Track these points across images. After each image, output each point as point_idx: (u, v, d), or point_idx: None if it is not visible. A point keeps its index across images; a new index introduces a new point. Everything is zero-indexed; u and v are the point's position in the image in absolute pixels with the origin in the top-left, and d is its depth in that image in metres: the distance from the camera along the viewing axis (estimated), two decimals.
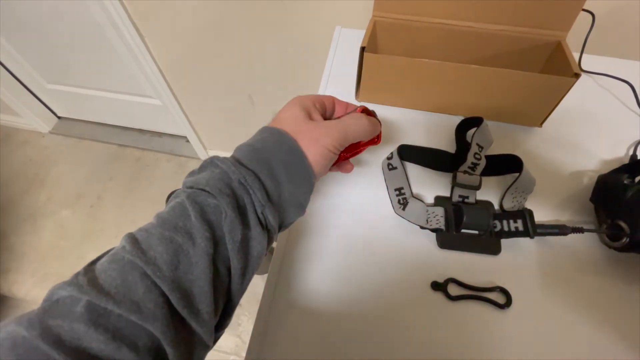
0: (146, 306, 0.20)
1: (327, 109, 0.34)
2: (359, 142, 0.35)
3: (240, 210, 0.25)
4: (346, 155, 0.36)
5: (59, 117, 1.69)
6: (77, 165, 1.56)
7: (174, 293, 0.21)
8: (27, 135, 1.66)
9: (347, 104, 0.35)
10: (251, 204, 0.25)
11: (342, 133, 0.30)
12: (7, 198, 1.47)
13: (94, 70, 1.30)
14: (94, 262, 0.23)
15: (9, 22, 1.18)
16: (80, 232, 1.37)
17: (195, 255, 0.23)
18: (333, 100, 0.34)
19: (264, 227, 0.26)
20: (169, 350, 0.20)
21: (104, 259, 0.23)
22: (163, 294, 0.21)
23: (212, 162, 0.27)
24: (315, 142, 0.28)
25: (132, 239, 0.23)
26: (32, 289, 1.26)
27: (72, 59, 1.27)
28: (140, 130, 1.62)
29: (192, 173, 0.28)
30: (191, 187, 0.26)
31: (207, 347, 0.24)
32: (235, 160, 0.27)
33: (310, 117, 0.30)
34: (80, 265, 0.22)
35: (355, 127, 0.31)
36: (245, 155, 0.27)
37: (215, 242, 0.24)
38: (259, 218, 0.26)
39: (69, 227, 1.39)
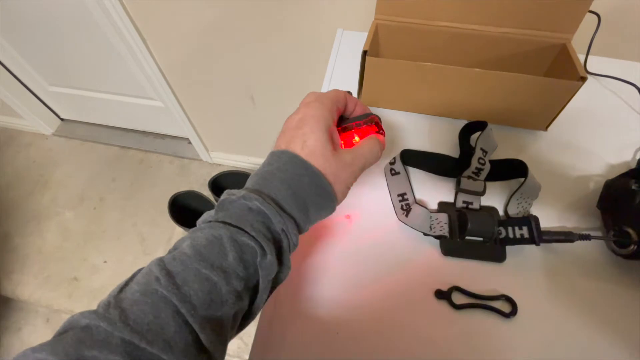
0: (177, 345, 0.20)
1: (340, 113, 0.33)
2: None
3: (277, 252, 0.26)
4: None
5: (62, 119, 1.70)
6: (80, 167, 1.56)
7: (203, 331, 0.22)
8: (31, 138, 1.67)
9: (356, 101, 0.35)
10: (287, 246, 0.27)
11: (361, 169, 0.31)
12: (11, 200, 1.47)
13: (96, 72, 1.30)
14: (121, 290, 0.22)
15: (11, 24, 1.18)
16: (83, 234, 1.38)
17: (227, 294, 0.23)
18: (345, 98, 0.33)
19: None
20: None
21: (134, 287, 0.22)
22: (193, 332, 0.21)
23: (249, 197, 0.26)
24: (341, 183, 0.29)
25: (167, 271, 0.23)
26: (36, 291, 1.26)
27: (74, 61, 1.28)
28: (143, 132, 1.62)
29: (224, 204, 0.27)
30: (229, 224, 0.25)
31: None
32: (276, 204, 0.26)
33: (333, 142, 0.30)
34: (83, 267, 0.22)
35: (371, 157, 0.32)
36: (284, 197, 0.27)
37: (247, 279, 0.25)
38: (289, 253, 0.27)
39: (72, 229, 1.39)
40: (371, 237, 0.40)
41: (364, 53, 0.45)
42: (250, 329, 0.35)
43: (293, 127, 0.29)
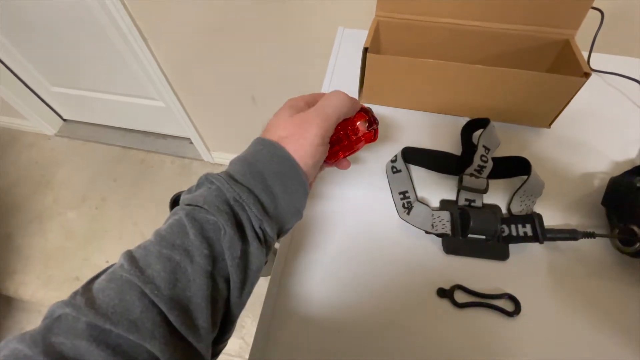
0: (144, 325, 0.20)
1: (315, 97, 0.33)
2: (355, 140, 0.34)
3: (239, 227, 0.25)
4: (345, 154, 0.35)
5: (64, 120, 1.71)
6: (82, 167, 1.57)
7: (172, 311, 0.21)
8: (33, 138, 1.67)
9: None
10: (248, 220, 0.26)
11: (322, 116, 0.29)
12: (13, 200, 1.48)
13: (97, 73, 1.31)
14: (92, 281, 0.23)
15: (13, 25, 1.19)
16: (85, 234, 1.38)
17: (193, 273, 0.23)
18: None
19: (262, 240, 0.26)
20: None
21: (102, 277, 0.23)
22: (161, 312, 0.21)
23: (207, 178, 0.27)
24: (302, 142, 0.28)
25: (130, 257, 0.23)
26: (38, 291, 1.27)
27: (76, 62, 1.28)
28: (144, 133, 1.63)
29: (189, 190, 0.28)
30: (189, 205, 0.26)
31: (204, 357, 0.24)
32: (229, 177, 0.27)
33: (295, 113, 0.30)
34: (85, 267, 0.22)
35: (333, 104, 0.30)
36: (239, 170, 0.27)
37: (214, 258, 0.24)
38: (256, 233, 0.26)
39: (74, 229, 1.40)
40: (372, 235, 0.40)
41: (365, 50, 0.44)
42: (252, 329, 0.35)
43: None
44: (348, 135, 0.34)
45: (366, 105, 0.36)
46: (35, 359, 0.18)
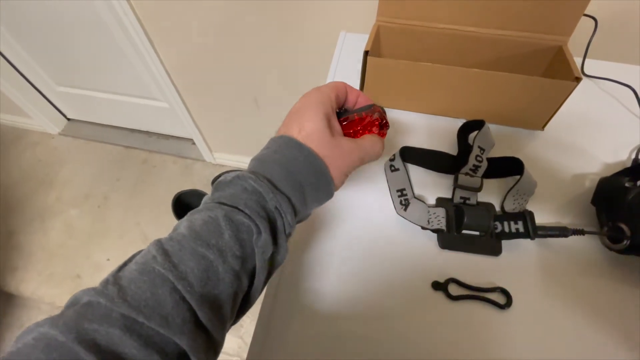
0: (174, 321, 0.21)
1: (340, 102, 0.34)
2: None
3: (273, 231, 0.26)
4: None
5: (68, 119, 1.73)
6: (85, 166, 1.58)
7: (201, 308, 0.22)
8: (38, 137, 1.69)
9: (358, 93, 0.35)
10: (282, 226, 0.27)
11: (359, 161, 0.31)
12: (16, 198, 1.49)
13: (102, 73, 1.33)
14: (120, 269, 0.23)
15: (19, 24, 1.21)
16: (87, 232, 1.39)
17: (224, 272, 0.24)
18: (346, 89, 0.34)
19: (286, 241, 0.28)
20: (193, 358, 0.21)
21: (132, 267, 0.23)
22: (191, 309, 0.22)
23: (244, 179, 0.27)
24: (338, 169, 0.30)
25: (163, 250, 0.23)
26: (39, 288, 1.28)
27: (82, 61, 1.30)
28: (147, 133, 1.64)
29: (219, 185, 0.28)
30: (225, 204, 0.26)
31: (220, 349, 0.25)
32: (270, 183, 0.27)
33: (331, 129, 0.30)
34: (86, 265, 0.23)
35: (371, 154, 0.32)
36: (280, 178, 0.27)
37: (244, 259, 0.25)
38: (286, 236, 0.27)
39: (77, 227, 1.41)
40: (370, 231, 0.41)
41: (366, 53, 0.46)
42: (250, 328, 0.36)
43: (292, 115, 0.31)
44: (360, 134, 0.34)
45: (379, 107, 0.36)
46: (69, 345, 0.18)
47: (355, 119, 0.33)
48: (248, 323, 1.15)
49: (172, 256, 0.23)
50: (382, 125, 0.35)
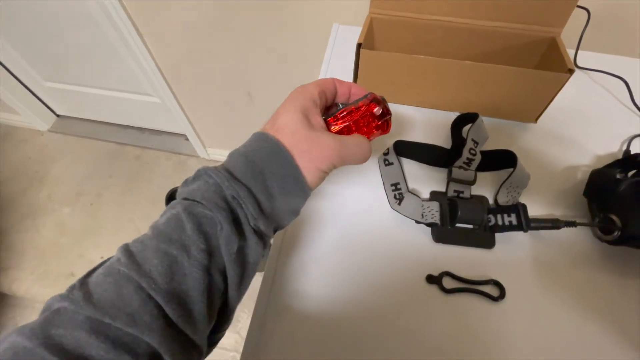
0: (142, 319, 0.21)
1: (328, 98, 0.33)
2: (367, 132, 0.33)
3: (236, 223, 0.25)
4: None
5: (57, 116, 1.70)
6: (76, 163, 1.56)
7: (169, 304, 0.22)
8: (26, 134, 1.66)
9: (350, 86, 0.33)
10: (245, 217, 0.26)
11: (339, 158, 0.29)
12: (7, 196, 1.47)
13: (92, 68, 1.30)
14: (88, 275, 0.23)
15: (6, 20, 1.18)
16: (80, 230, 1.38)
17: (190, 267, 0.23)
18: (334, 84, 0.33)
19: (259, 236, 0.26)
20: (166, 358, 0.21)
21: (99, 271, 0.23)
22: (158, 306, 0.21)
23: (206, 172, 0.27)
24: (311, 163, 0.28)
25: (128, 251, 0.23)
26: (32, 287, 1.26)
27: (70, 56, 1.27)
28: (140, 129, 1.62)
29: (186, 182, 0.28)
30: (186, 199, 0.26)
31: (203, 353, 0.24)
32: (229, 173, 0.26)
33: (309, 122, 0.29)
34: (80, 263, 0.22)
35: (355, 154, 0.30)
36: (239, 167, 0.27)
37: (210, 252, 0.24)
38: (253, 229, 0.26)
39: (69, 225, 1.39)
40: (364, 225, 0.41)
41: (359, 46, 0.46)
42: (247, 323, 0.35)
43: (274, 114, 0.30)
44: (359, 127, 0.32)
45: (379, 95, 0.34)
46: (35, 351, 0.18)
47: (352, 109, 0.32)
48: (245, 319, 1.15)
49: (135, 256, 0.23)
50: (383, 114, 0.33)
